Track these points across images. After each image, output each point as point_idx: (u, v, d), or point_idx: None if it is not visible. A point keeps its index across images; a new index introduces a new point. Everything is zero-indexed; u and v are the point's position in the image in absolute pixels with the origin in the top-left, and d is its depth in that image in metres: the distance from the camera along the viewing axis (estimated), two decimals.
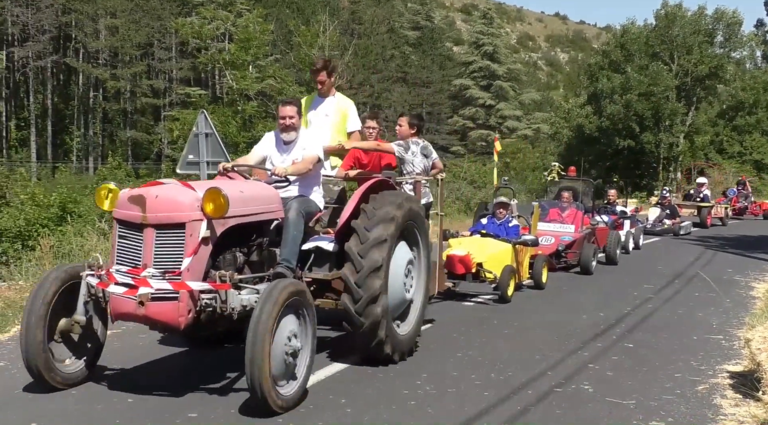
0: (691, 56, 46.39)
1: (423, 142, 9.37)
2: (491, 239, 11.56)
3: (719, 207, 26.67)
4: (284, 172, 6.81)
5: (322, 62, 8.67)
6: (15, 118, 57.74)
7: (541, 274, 12.18)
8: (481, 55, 73.33)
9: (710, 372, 7.34)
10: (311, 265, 7.04)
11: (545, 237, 13.78)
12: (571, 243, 14.23)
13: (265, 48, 30.48)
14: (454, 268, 10.61)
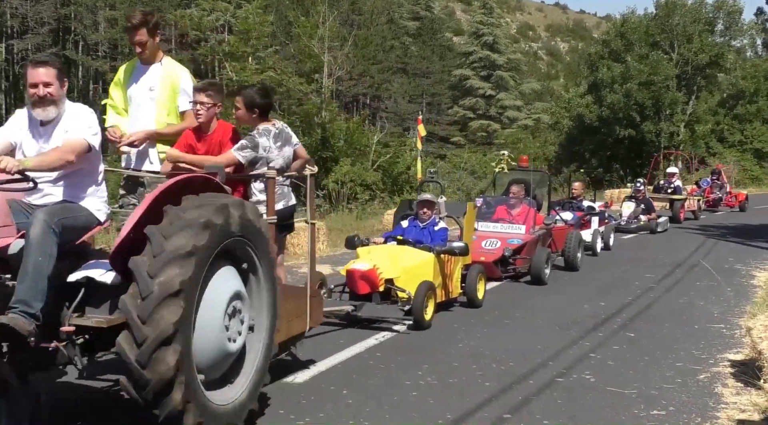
0: (691, 45, 46.29)
1: (276, 125, 6.58)
2: (409, 248, 9.20)
3: (692, 199, 24.26)
4: (16, 167, 4.49)
5: (140, 16, 6.36)
6: (15, 111, 57.68)
7: (475, 289, 9.78)
8: (481, 45, 73.18)
9: (711, 361, 7.35)
10: (81, 306, 4.71)
11: (489, 241, 11.75)
12: (520, 247, 11.92)
13: (264, 39, 30.41)
14: (356, 287, 8.49)
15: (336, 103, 30.33)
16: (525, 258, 11.85)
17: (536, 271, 11.60)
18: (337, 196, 24.34)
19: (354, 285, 8.51)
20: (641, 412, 5.85)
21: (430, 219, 9.71)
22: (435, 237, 9.53)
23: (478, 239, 11.43)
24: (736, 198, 27.71)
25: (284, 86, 29.25)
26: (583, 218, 15.63)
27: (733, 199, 27.66)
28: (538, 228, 12.57)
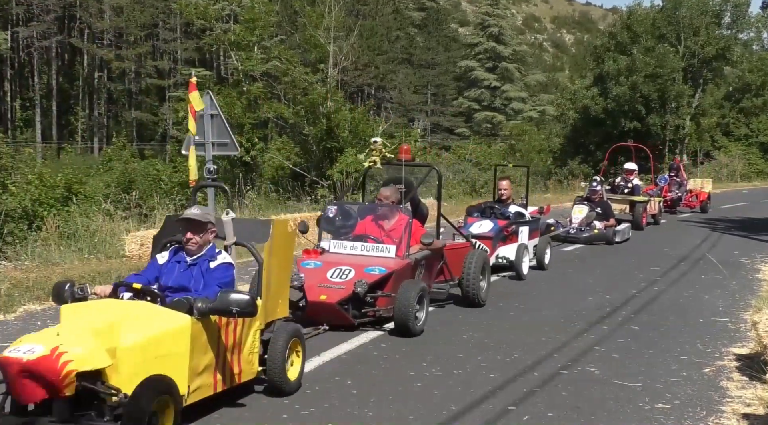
0: (698, 38, 46.06)
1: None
2: (149, 307, 5.16)
3: (653, 201, 20.03)
4: None
5: None
6: (20, 99, 57.68)
7: (282, 371, 5.75)
8: (486, 36, 72.93)
9: (716, 355, 7.33)
10: None
11: (338, 270, 7.96)
12: (382, 279, 7.95)
13: (270, 29, 30.32)
14: (16, 390, 4.43)
15: (341, 93, 30.21)
16: (390, 295, 7.86)
17: (400, 317, 7.61)
18: (341, 186, 24.31)
19: (13, 387, 4.44)
20: (646, 405, 5.84)
21: (202, 252, 5.71)
22: (208, 282, 5.58)
23: (323, 267, 8.04)
24: (698, 197, 23.83)
25: (289, 76, 29.15)
26: (507, 229, 11.77)
27: (693, 199, 23.76)
28: (416, 249, 8.58)
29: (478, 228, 11.55)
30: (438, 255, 9.07)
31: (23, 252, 12.16)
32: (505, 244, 11.67)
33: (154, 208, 15.90)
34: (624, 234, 16.35)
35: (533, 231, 12.57)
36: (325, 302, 7.51)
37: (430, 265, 8.92)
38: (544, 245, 12.45)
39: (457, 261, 9.30)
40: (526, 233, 12.18)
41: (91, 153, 52.01)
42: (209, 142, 14.79)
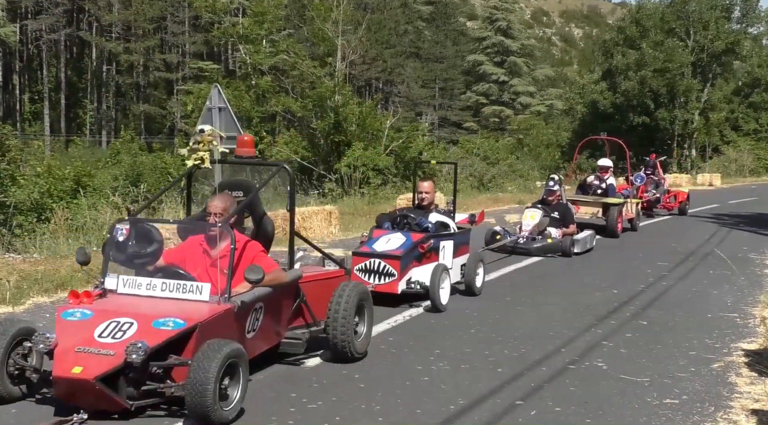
0: (707, 32, 45.91)
1: None
2: None
3: (630, 203, 17.21)
4: None
5: None
6: (28, 91, 57.84)
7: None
8: (494, 30, 72.87)
9: (725, 350, 7.31)
10: None
11: (112, 323, 5.14)
12: (182, 337, 5.13)
13: (278, 22, 30.36)
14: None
15: (349, 87, 30.22)
16: (188, 363, 4.97)
17: (192, 399, 4.81)
18: (349, 180, 24.33)
19: None
20: (654, 400, 5.82)
21: None
22: None
23: (92, 319, 5.20)
24: (676, 198, 21.15)
25: (298, 69, 29.19)
26: (422, 245, 8.94)
27: (672, 200, 21.09)
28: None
29: (383, 245, 8.87)
30: (291, 292, 6.28)
31: (32, 245, 12.19)
32: (420, 265, 8.90)
33: (162, 201, 15.92)
34: (585, 243, 13.50)
35: (460, 247, 9.66)
36: (77, 378, 4.76)
37: (276, 307, 6.04)
38: (475, 264, 9.56)
39: (324, 297, 6.49)
40: (449, 249, 9.35)
41: (99, 146, 52.13)
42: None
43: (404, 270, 8.69)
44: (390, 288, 8.59)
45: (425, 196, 9.89)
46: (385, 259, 8.66)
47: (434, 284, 8.53)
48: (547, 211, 13.50)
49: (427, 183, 10.02)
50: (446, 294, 8.79)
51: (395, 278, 8.59)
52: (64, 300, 8.69)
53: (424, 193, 9.89)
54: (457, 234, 9.67)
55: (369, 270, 8.69)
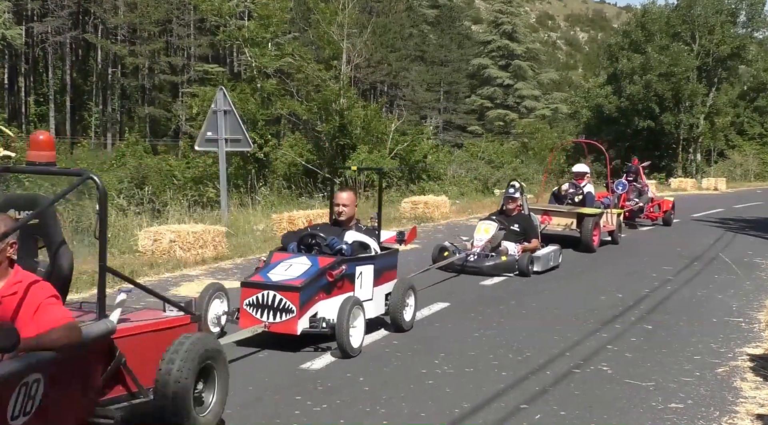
0: (712, 36, 45.88)
1: None
2: None
3: (609, 214, 15.53)
4: None
5: None
6: (34, 94, 57.94)
7: None
8: (499, 34, 72.81)
9: (730, 355, 7.30)
10: None
11: None
12: None
13: (284, 25, 30.39)
14: None
15: (354, 91, 30.26)
16: None
17: None
18: (354, 183, 24.33)
19: None
20: (659, 405, 5.82)
21: None
22: None
23: None
24: (660, 207, 19.47)
25: (303, 72, 29.21)
26: (331, 271, 7.12)
27: (656, 209, 19.46)
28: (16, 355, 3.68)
29: (281, 273, 7.09)
30: (99, 353, 4.38)
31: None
32: (329, 297, 7.11)
33: (167, 204, 15.95)
34: (548, 261, 11.84)
35: (384, 272, 7.88)
36: None
37: (69, 378, 4.08)
38: (402, 293, 7.75)
39: (156, 356, 4.69)
40: (368, 276, 7.58)
41: (104, 148, 52.21)
42: (222, 138, 14.89)
43: (306, 305, 6.88)
44: (287, 328, 6.79)
45: (343, 209, 7.86)
46: (282, 291, 6.84)
47: (341, 323, 6.66)
48: (504, 223, 11.90)
49: (345, 194, 7.96)
50: (359, 334, 6.97)
51: (294, 315, 6.77)
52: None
53: (342, 205, 7.86)
54: (380, 257, 7.78)
55: (261, 305, 6.86)
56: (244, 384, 5.88)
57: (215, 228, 12.43)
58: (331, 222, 8.16)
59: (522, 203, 12.38)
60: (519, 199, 12.26)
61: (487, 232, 11.68)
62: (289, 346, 6.93)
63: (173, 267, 10.97)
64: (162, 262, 11.14)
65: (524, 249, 11.60)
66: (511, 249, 11.54)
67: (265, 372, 6.26)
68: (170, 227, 12.30)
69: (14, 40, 50.45)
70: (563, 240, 13.58)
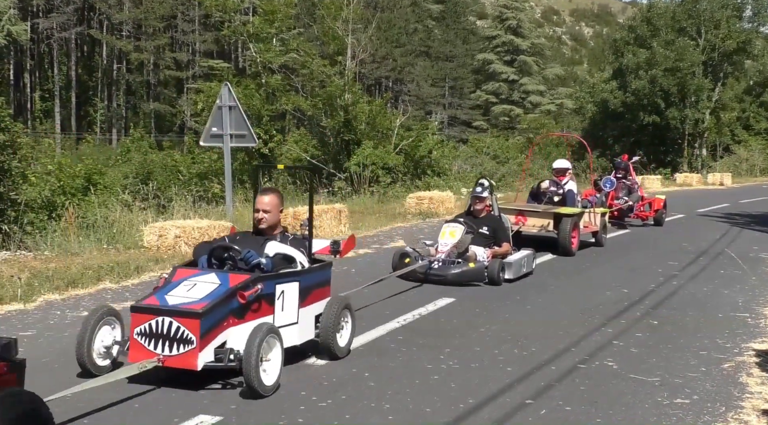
0: (718, 31, 45.72)
1: None
2: None
3: (592, 214, 14.36)
4: None
5: None
6: (39, 90, 58.02)
7: None
8: (504, 29, 72.76)
9: (736, 350, 7.28)
10: None
11: None
12: None
13: (288, 21, 30.39)
14: None
15: (359, 86, 30.23)
16: None
17: None
18: (359, 178, 24.34)
19: None
20: (664, 400, 5.81)
21: None
22: None
23: None
24: (651, 206, 18.21)
25: (308, 68, 29.20)
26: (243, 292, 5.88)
27: (647, 208, 18.29)
28: None
29: (182, 294, 5.85)
30: None
31: (43, 242, 12.24)
32: (241, 322, 5.90)
33: (172, 199, 15.96)
34: (520, 266, 10.61)
35: (314, 290, 6.61)
36: None
37: None
38: (336, 314, 6.53)
39: None
40: (292, 295, 6.31)
41: (109, 144, 52.30)
42: (227, 133, 14.89)
43: (209, 334, 5.64)
44: (184, 362, 5.55)
45: (263, 215, 6.51)
46: (179, 318, 5.58)
47: (249, 356, 5.41)
48: (472, 225, 10.74)
49: (267, 196, 6.56)
50: (274, 368, 5.69)
51: (193, 347, 5.54)
52: (74, 297, 8.74)
53: (262, 211, 6.51)
54: (307, 273, 6.48)
55: (155, 335, 5.59)
56: None
57: (220, 224, 12.44)
58: (253, 231, 6.74)
59: (491, 203, 11.31)
60: (488, 198, 11.17)
61: (452, 236, 10.40)
62: None
63: (178, 263, 10.95)
64: (167, 258, 11.14)
65: (494, 255, 10.52)
66: (479, 255, 10.35)
67: None
68: (175, 222, 12.30)
69: (19, 36, 50.48)
70: (541, 243, 12.91)
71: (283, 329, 6.02)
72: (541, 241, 13.05)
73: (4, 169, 14.70)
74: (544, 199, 14.33)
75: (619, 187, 17.63)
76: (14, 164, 14.96)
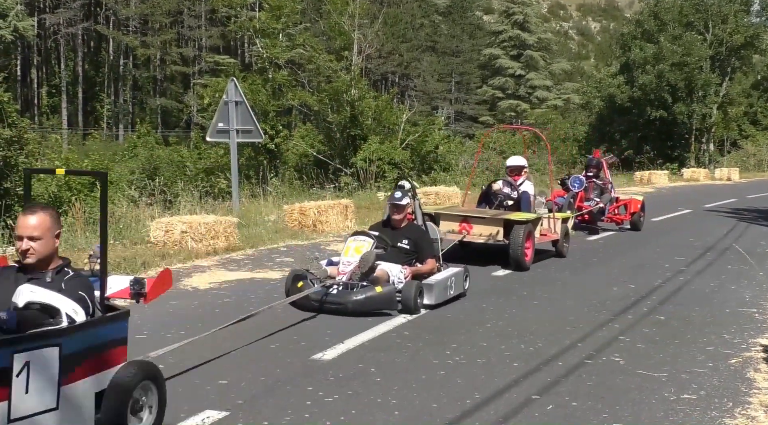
0: (726, 25, 45.53)
1: None
2: None
3: (552, 219, 12.36)
4: None
5: None
6: (46, 85, 58.14)
7: None
8: (511, 24, 72.72)
9: (743, 346, 7.26)
10: None
11: None
12: None
13: (295, 16, 30.38)
14: None
15: (365, 81, 30.22)
16: None
17: None
18: (365, 173, 24.34)
19: None
20: (671, 395, 5.79)
21: None
22: None
23: None
24: (627, 208, 16.06)
25: (314, 63, 29.21)
26: None
27: (621, 210, 16.13)
28: None
29: None
30: None
31: None
32: None
33: (179, 195, 15.98)
34: (444, 289, 8.52)
35: (90, 356, 4.36)
36: None
37: None
38: (124, 391, 4.44)
39: None
40: (48, 368, 4.09)
41: (116, 139, 52.38)
42: (234, 129, 14.90)
43: None
44: None
45: (29, 245, 4.39)
46: None
47: None
48: (386, 238, 8.64)
49: (35, 217, 4.42)
50: None
51: None
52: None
53: (27, 238, 4.39)
54: (79, 330, 4.30)
55: None
56: (256, 375, 5.89)
57: (227, 219, 12.44)
58: (18, 267, 4.52)
59: (414, 210, 9.34)
60: (409, 204, 9.05)
61: (358, 252, 8.20)
62: (301, 337, 6.94)
63: (185, 258, 10.98)
64: (174, 253, 11.16)
65: (414, 274, 8.49)
66: (393, 275, 8.22)
67: (276, 362, 6.26)
68: (182, 218, 12.31)
69: (26, 32, 50.61)
70: (491, 255, 11.48)
71: (26, 421, 3.95)
72: (495, 253, 11.52)
73: (11, 165, 14.74)
74: (495, 201, 12.34)
75: (590, 188, 15.60)
76: (21, 160, 15.01)
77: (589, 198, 15.48)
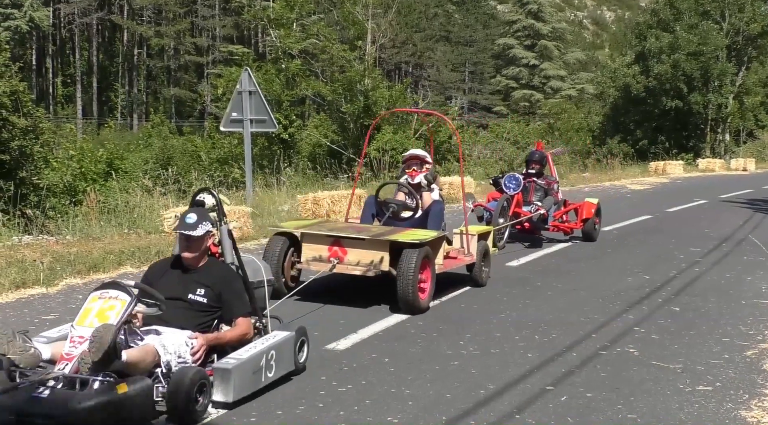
0: (743, 14, 45.10)
1: None
2: None
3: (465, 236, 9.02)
4: None
5: None
6: (61, 75, 58.35)
7: None
8: (525, 13, 72.29)
9: (759, 337, 7.21)
10: None
11: None
12: None
13: (308, 6, 30.36)
14: None
15: (379, 71, 30.16)
16: None
17: None
18: (378, 163, 24.31)
19: None
20: (687, 387, 5.77)
21: None
22: None
23: None
24: (577, 213, 12.88)
25: (327, 53, 29.18)
26: None
27: (571, 216, 13.20)
28: None
29: None
30: None
31: (65, 227, 12.32)
32: None
33: (192, 185, 16.02)
34: (255, 373, 5.19)
35: None
36: None
37: None
38: None
39: None
40: None
41: (130, 129, 52.57)
42: (247, 119, 14.90)
43: None
44: None
45: None
46: None
47: None
48: (155, 295, 4.95)
49: None
50: None
51: None
52: (96, 281, 8.79)
53: None
54: None
55: None
56: None
57: (240, 209, 12.46)
58: None
59: (220, 238, 5.81)
60: (211, 234, 5.64)
61: (103, 318, 4.61)
62: (314, 327, 6.94)
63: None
64: None
65: (213, 344, 5.23)
66: (170, 351, 4.87)
67: None
68: None
69: (41, 22, 50.80)
70: (378, 287, 8.26)
71: None
72: (369, 286, 8.43)
73: (27, 154, 14.80)
74: (386, 212, 8.98)
75: (531, 189, 12.51)
76: (36, 149, 15.07)
77: (529, 201, 12.36)
